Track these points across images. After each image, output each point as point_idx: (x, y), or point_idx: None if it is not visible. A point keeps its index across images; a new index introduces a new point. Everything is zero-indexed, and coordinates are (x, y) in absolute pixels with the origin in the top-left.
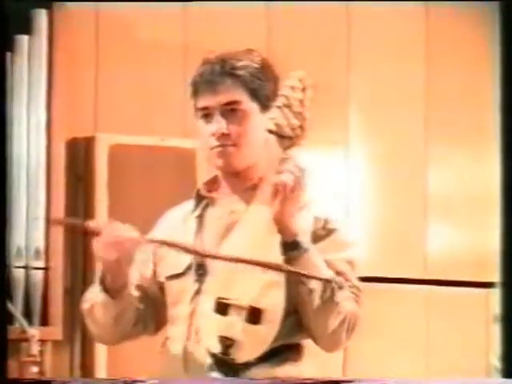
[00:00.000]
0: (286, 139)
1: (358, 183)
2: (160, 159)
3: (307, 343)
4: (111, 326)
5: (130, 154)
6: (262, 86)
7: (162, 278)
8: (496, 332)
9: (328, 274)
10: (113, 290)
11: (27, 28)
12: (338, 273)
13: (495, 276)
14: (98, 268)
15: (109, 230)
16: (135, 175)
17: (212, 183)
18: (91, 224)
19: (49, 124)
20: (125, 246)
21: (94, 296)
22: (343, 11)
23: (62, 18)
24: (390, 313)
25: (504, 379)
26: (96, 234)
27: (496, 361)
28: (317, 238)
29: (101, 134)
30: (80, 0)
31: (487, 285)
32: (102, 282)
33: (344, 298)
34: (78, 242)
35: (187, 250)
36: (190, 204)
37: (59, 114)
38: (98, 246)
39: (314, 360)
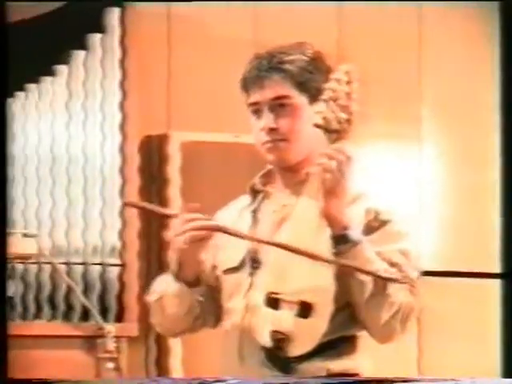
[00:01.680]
0: (332, 133)
1: (430, 177)
2: (233, 156)
3: (363, 336)
4: (181, 317)
5: (203, 151)
6: (311, 78)
7: (218, 272)
8: None
9: (380, 266)
10: (189, 279)
11: (100, 27)
12: (392, 264)
13: None
14: (172, 257)
15: (184, 216)
16: (208, 172)
17: (267, 177)
18: (167, 210)
19: (123, 122)
20: (200, 232)
21: (163, 287)
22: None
23: (134, 17)
24: (461, 308)
25: (504, 379)
26: (172, 219)
27: None
28: (369, 229)
29: (174, 132)
30: (151, 0)
31: None
32: (177, 272)
33: (397, 290)
34: (153, 238)
35: (248, 238)
36: (245, 198)
37: (133, 112)
38: (174, 231)
39: (369, 353)
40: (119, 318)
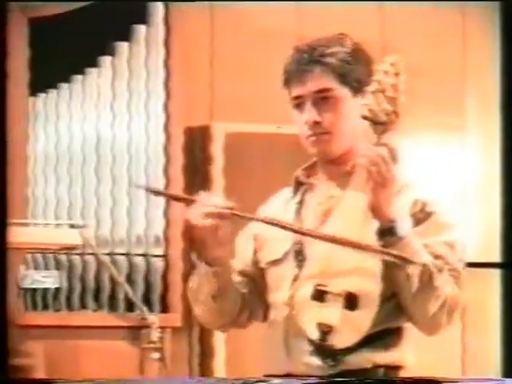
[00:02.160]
0: (379, 125)
1: (474, 168)
2: (276, 147)
3: (408, 328)
4: (212, 304)
5: (247, 143)
6: (352, 70)
7: (262, 264)
8: None
9: (426, 258)
10: (210, 260)
11: (144, 18)
12: (437, 256)
13: None
14: (194, 239)
15: (203, 200)
16: (251, 163)
17: (310, 169)
18: (187, 196)
19: (167, 113)
20: (218, 215)
21: (196, 273)
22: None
23: (178, 9)
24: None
25: (504, 379)
26: (191, 203)
27: None
28: (415, 221)
29: (217, 123)
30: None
31: None
32: (199, 253)
33: (444, 282)
34: None
35: (288, 228)
36: (288, 191)
37: (177, 104)
38: (192, 214)
39: (414, 345)
40: (163, 308)
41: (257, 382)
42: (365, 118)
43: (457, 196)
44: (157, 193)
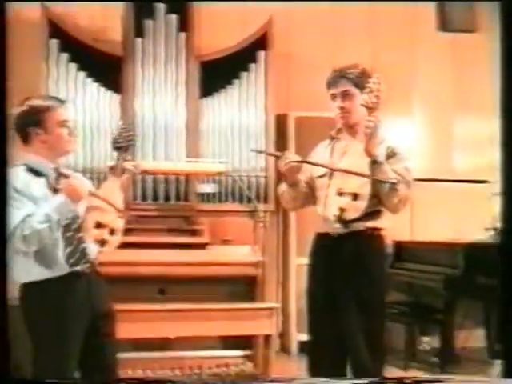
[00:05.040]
0: (370, 109)
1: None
2: (322, 124)
3: (384, 211)
4: (292, 201)
5: (308, 123)
6: (361, 81)
7: (314, 177)
8: None
9: (393, 176)
10: (291, 184)
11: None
12: (399, 174)
13: None
14: (282, 175)
15: (285, 157)
16: (310, 135)
17: (338, 131)
18: (278, 153)
19: (266, 106)
20: (294, 167)
21: (282, 187)
22: None
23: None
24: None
25: (504, 379)
26: (279, 157)
27: None
28: (387, 157)
29: (291, 112)
30: None
31: None
32: (285, 181)
33: (401, 188)
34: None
35: (321, 166)
36: (327, 142)
37: (271, 100)
38: (280, 163)
39: (387, 218)
40: (265, 201)
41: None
42: (363, 105)
43: (408, 146)
44: (262, 152)
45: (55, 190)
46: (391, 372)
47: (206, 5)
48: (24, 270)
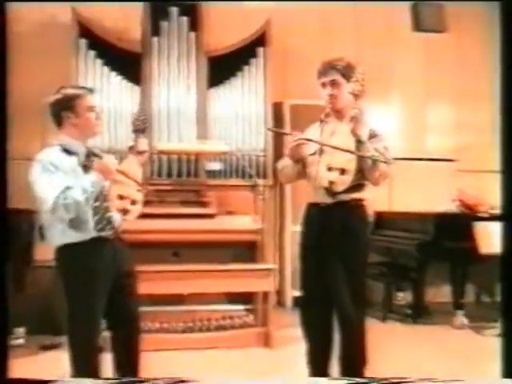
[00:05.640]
0: (356, 96)
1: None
2: (313, 111)
3: (367, 184)
4: (291, 176)
5: (301, 110)
6: (347, 71)
7: (306, 155)
8: None
9: (374, 153)
10: (294, 159)
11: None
12: (379, 153)
13: None
14: (288, 151)
15: (293, 135)
16: (302, 119)
17: (326, 114)
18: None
19: (265, 94)
20: (299, 145)
21: (283, 162)
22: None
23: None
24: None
25: (504, 379)
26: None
27: None
28: (370, 137)
29: (286, 100)
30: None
31: None
32: (289, 157)
33: (381, 164)
34: (279, 145)
35: (311, 141)
36: (317, 124)
37: (269, 89)
38: (288, 144)
39: (370, 191)
40: (264, 176)
41: None
42: (350, 93)
43: (387, 129)
44: (272, 130)
45: (84, 167)
46: (371, 322)
47: (213, 5)
48: (59, 235)
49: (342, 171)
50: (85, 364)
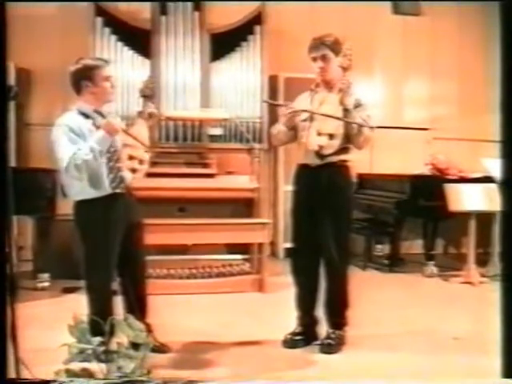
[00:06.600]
0: (344, 69)
1: (377, 91)
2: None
3: (351, 147)
4: (284, 140)
5: (294, 82)
6: (335, 46)
7: (298, 121)
8: None
9: (359, 120)
10: (288, 126)
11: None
12: (364, 120)
13: None
14: (283, 120)
15: (287, 106)
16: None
17: (317, 85)
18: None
19: (262, 68)
20: (295, 114)
21: (277, 128)
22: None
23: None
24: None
25: (504, 379)
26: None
27: None
28: (356, 106)
29: (281, 73)
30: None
31: None
32: (284, 124)
33: (365, 130)
34: (274, 112)
35: (305, 111)
36: (307, 93)
37: (265, 63)
38: (283, 113)
39: (354, 154)
40: (259, 141)
41: None
42: (339, 66)
43: (370, 99)
44: (268, 102)
45: (98, 128)
46: (353, 270)
47: None
48: (79, 191)
49: (331, 136)
50: (100, 305)
